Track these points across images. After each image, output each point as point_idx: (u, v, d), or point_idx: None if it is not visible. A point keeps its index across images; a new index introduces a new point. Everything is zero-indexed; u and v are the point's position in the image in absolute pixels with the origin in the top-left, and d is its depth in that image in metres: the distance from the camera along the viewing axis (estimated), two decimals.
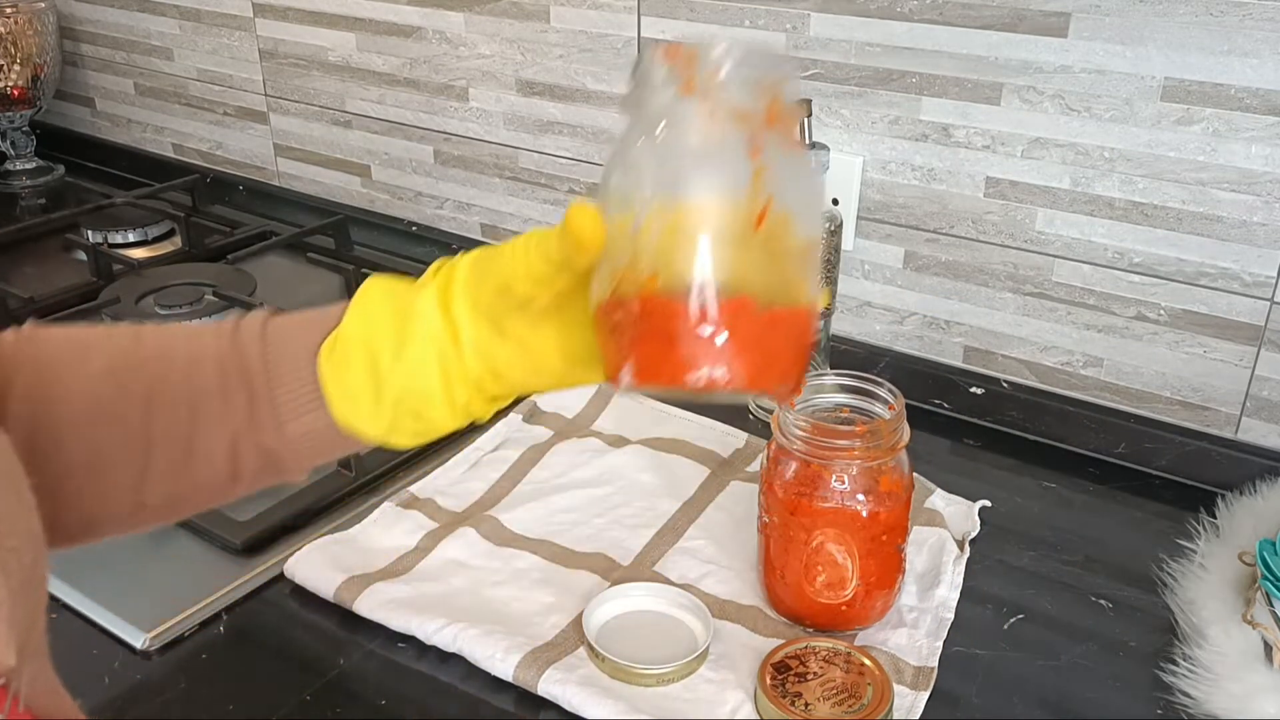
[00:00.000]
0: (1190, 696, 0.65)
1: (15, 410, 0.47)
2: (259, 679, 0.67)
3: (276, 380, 0.49)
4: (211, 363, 0.49)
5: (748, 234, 0.41)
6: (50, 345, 0.50)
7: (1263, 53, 0.77)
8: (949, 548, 0.75)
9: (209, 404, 0.49)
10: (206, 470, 0.49)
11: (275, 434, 0.49)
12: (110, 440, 0.48)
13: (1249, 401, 0.85)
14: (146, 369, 0.49)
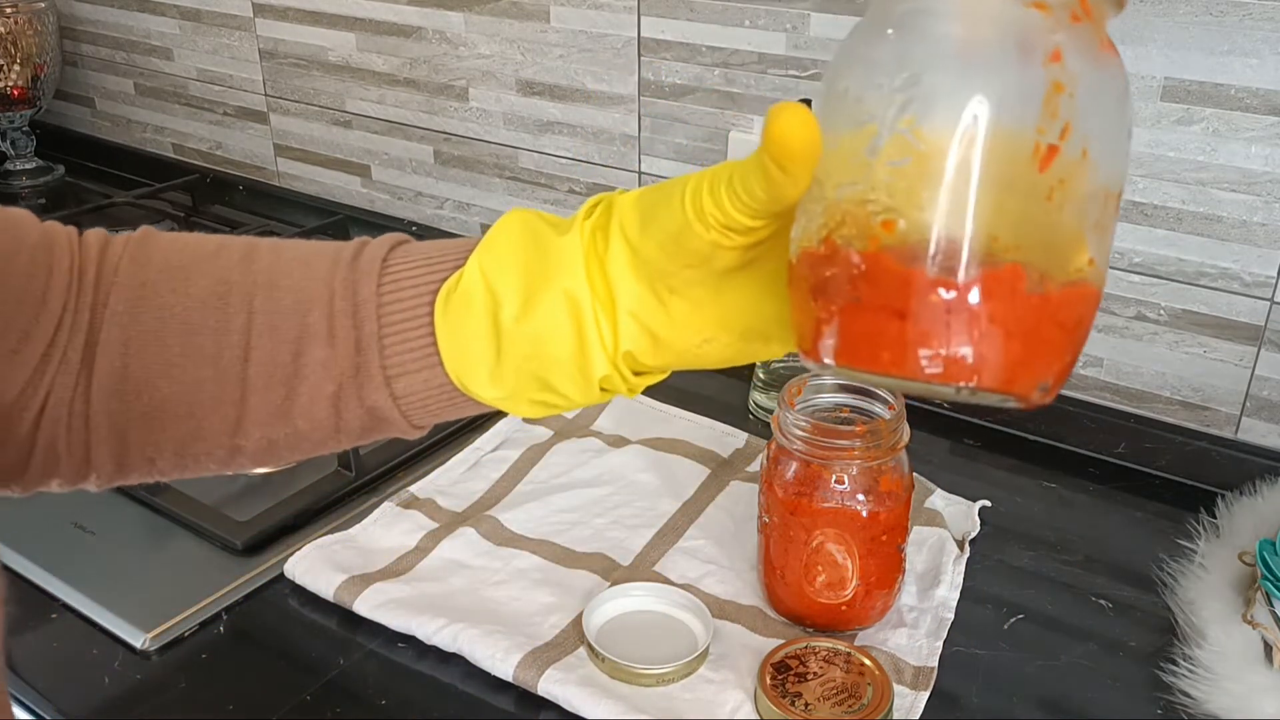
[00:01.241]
0: (1190, 696, 0.65)
1: (108, 336, 0.44)
2: (259, 679, 0.67)
3: (388, 327, 0.42)
4: (322, 298, 0.43)
5: (1031, 176, 0.30)
6: (154, 262, 0.45)
7: (1263, 52, 0.77)
8: (949, 548, 0.75)
9: (314, 348, 0.43)
10: (306, 421, 0.44)
11: (382, 390, 0.43)
12: (204, 381, 0.44)
13: (1249, 401, 0.85)
14: (252, 300, 0.44)
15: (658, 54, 1.04)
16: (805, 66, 0.95)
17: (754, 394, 0.96)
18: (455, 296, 0.41)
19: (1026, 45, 0.30)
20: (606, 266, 0.39)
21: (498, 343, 0.41)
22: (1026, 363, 0.32)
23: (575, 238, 0.40)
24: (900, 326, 0.31)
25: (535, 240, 0.41)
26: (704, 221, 0.36)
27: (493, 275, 0.41)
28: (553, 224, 0.41)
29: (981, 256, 0.30)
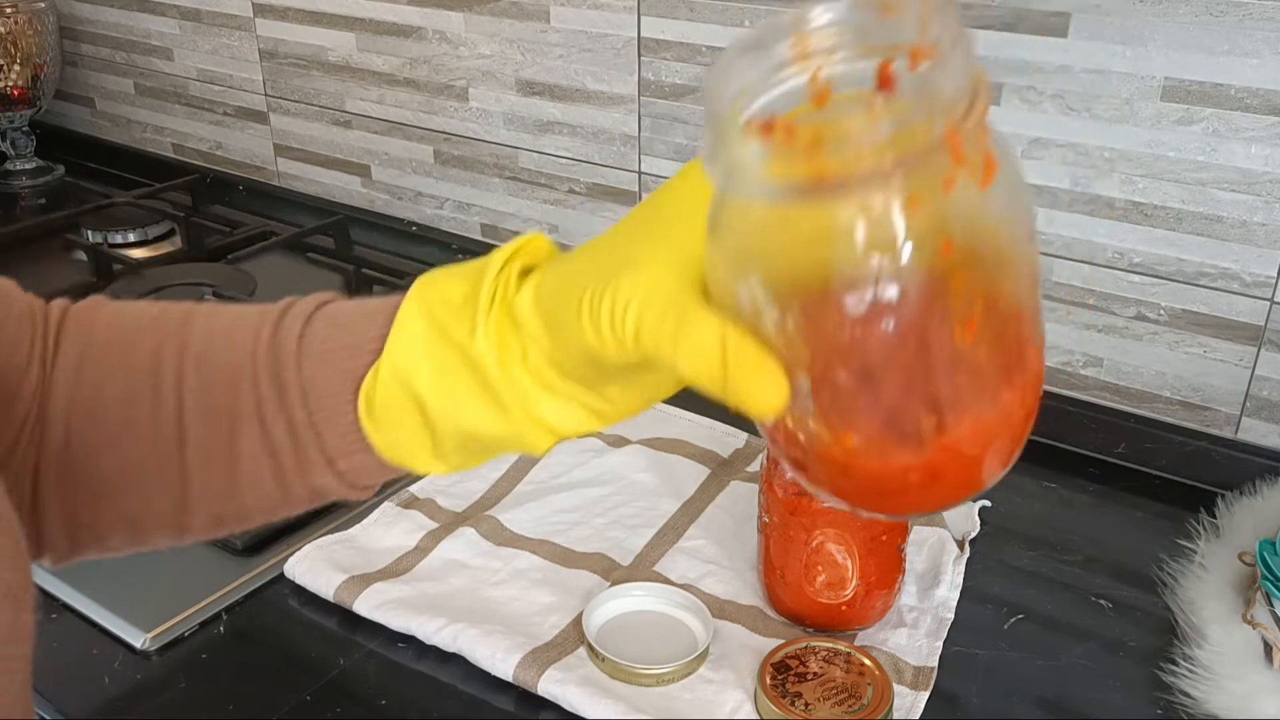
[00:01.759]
0: (1190, 696, 0.65)
1: (54, 409, 0.44)
2: (259, 679, 0.67)
3: (320, 414, 0.42)
4: (247, 380, 0.42)
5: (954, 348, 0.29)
6: (95, 332, 0.45)
7: (1263, 52, 0.77)
8: (949, 548, 0.75)
9: (248, 429, 0.43)
10: (253, 497, 0.44)
11: (325, 472, 0.43)
12: (144, 458, 0.43)
13: (1249, 401, 0.85)
14: (183, 379, 0.43)
15: (658, 54, 1.04)
16: None
17: None
18: (377, 402, 0.41)
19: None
20: (530, 368, 0.38)
21: (432, 433, 0.40)
22: (1002, 463, 0.33)
23: (487, 344, 0.38)
24: (870, 500, 0.33)
25: (446, 340, 0.39)
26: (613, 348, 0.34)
27: (411, 379, 0.40)
28: (457, 315, 0.39)
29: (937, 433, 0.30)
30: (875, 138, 0.26)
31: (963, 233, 0.28)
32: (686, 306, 0.32)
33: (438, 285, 0.40)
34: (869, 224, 0.27)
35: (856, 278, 0.28)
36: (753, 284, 0.30)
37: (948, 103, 0.27)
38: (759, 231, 0.29)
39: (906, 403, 0.30)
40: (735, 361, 0.31)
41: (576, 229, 1.16)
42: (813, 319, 0.29)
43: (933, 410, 0.30)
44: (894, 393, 0.30)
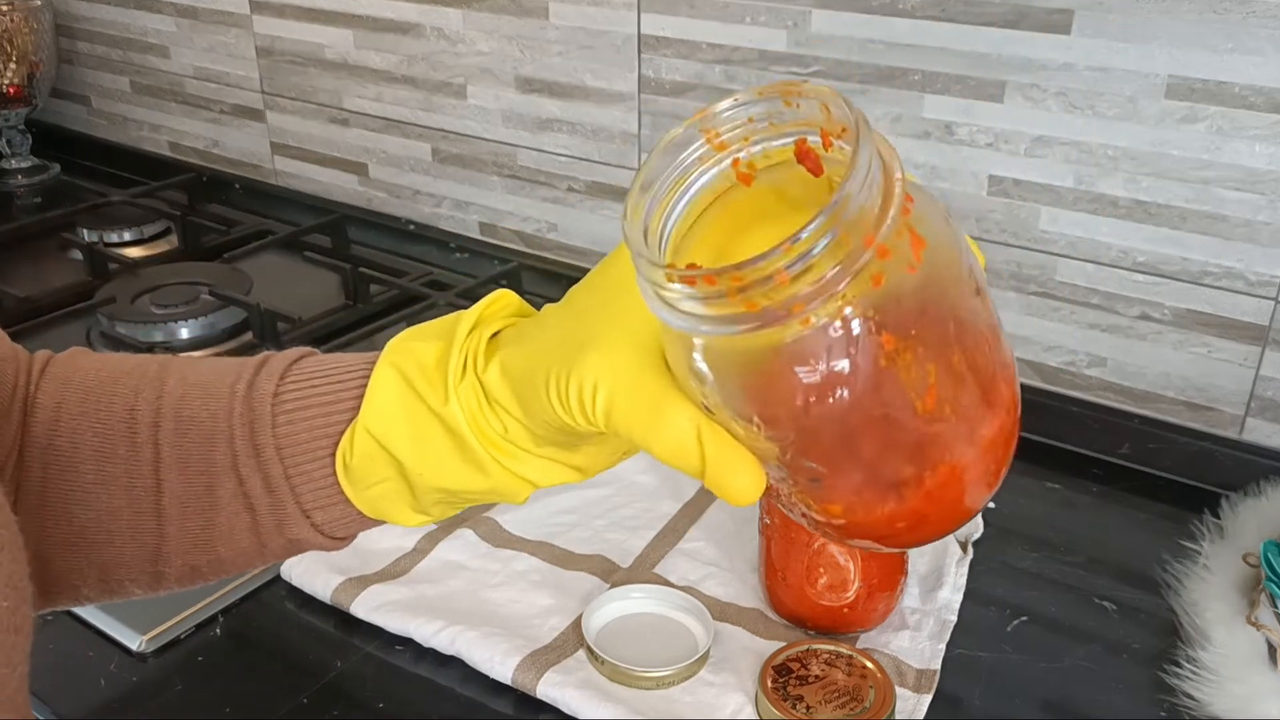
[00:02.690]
0: (1194, 699, 0.64)
1: (29, 458, 0.44)
2: (256, 681, 0.66)
3: (295, 471, 0.42)
4: (223, 434, 0.43)
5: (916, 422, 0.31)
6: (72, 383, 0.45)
7: (1267, 51, 0.76)
8: (951, 549, 0.75)
9: (225, 481, 0.43)
10: (228, 548, 0.44)
11: (302, 524, 0.43)
12: (119, 509, 0.43)
13: (1253, 402, 0.85)
14: (158, 430, 0.44)
15: (658, 51, 1.03)
16: (806, 63, 0.95)
17: None
18: (354, 463, 0.41)
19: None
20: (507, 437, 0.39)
21: (413, 491, 0.41)
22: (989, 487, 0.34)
23: (461, 412, 0.39)
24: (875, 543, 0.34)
25: (420, 405, 0.40)
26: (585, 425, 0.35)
27: (388, 442, 0.40)
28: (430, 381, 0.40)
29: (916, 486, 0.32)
30: (795, 269, 0.27)
31: (901, 313, 0.29)
32: (657, 394, 0.33)
33: (410, 348, 0.41)
34: (810, 338, 0.28)
35: (808, 383, 0.29)
36: (708, 391, 0.31)
37: (863, 211, 0.27)
38: (707, 351, 0.31)
39: (880, 470, 0.31)
40: (712, 455, 0.32)
41: (576, 227, 1.16)
42: (773, 420, 0.30)
43: (908, 469, 0.31)
44: (866, 465, 0.31)
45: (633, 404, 0.33)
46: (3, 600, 0.35)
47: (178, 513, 0.44)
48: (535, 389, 0.36)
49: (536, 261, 1.18)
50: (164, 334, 1.05)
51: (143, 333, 1.04)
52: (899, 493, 0.32)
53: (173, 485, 0.43)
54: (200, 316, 1.06)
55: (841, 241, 0.27)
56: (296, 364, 0.44)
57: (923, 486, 0.32)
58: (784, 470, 0.32)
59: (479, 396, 0.38)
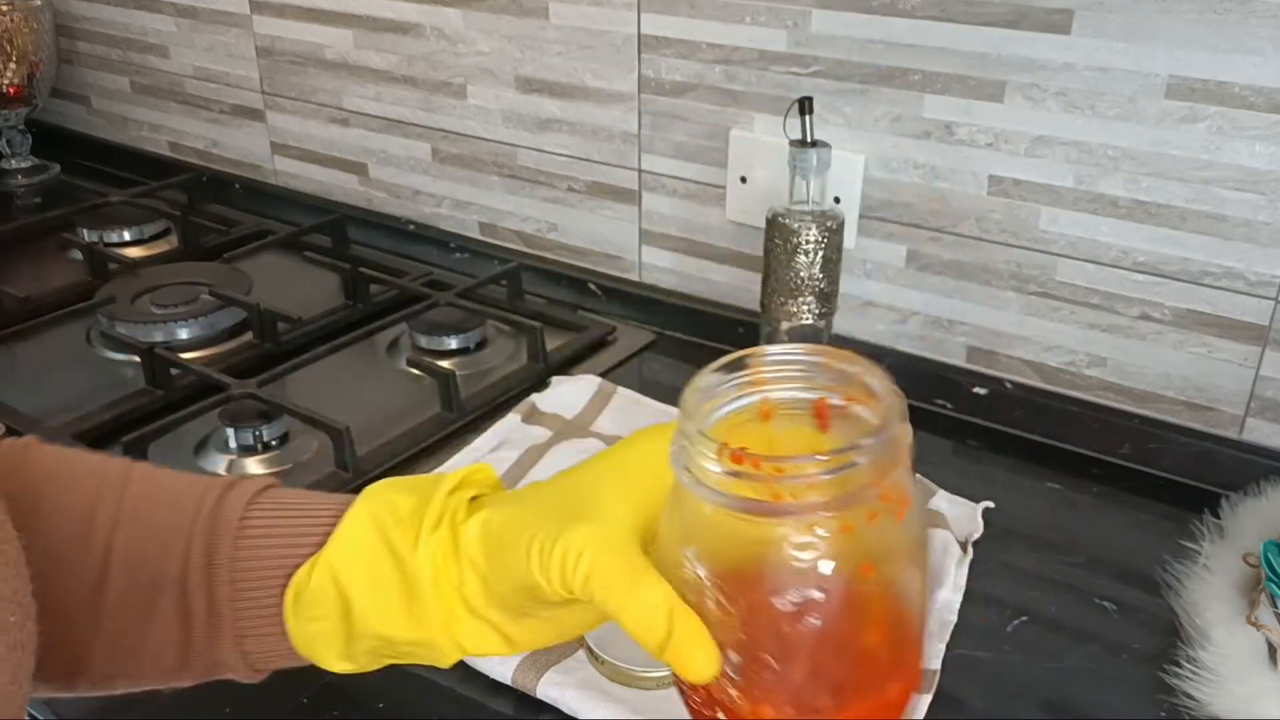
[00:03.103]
0: (1194, 699, 0.64)
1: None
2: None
3: (242, 594, 0.43)
4: (180, 543, 0.43)
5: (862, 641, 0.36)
6: (22, 476, 0.44)
7: (1267, 50, 0.76)
8: (952, 549, 0.75)
9: (170, 591, 0.43)
10: (151, 657, 0.45)
11: (232, 650, 0.44)
12: (54, 613, 0.42)
13: (1253, 402, 0.85)
14: (114, 533, 0.44)
15: (658, 51, 1.03)
16: (806, 63, 0.95)
17: None
18: (305, 594, 0.42)
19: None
20: (462, 592, 0.41)
21: (349, 633, 0.42)
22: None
23: (426, 559, 0.41)
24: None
25: (386, 548, 0.41)
26: (558, 588, 0.38)
27: (344, 578, 0.42)
28: (401, 527, 0.42)
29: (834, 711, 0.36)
30: (821, 479, 0.33)
31: (878, 555, 0.35)
32: (638, 570, 0.36)
33: (387, 496, 0.43)
34: (805, 542, 0.33)
35: (790, 583, 0.34)
36: (699, 567, 0.35)
37: (884, 456, 0.34)
38: (711, 526, 0.35)
39: (814, 687, 0.36)
40: (679, 631, 0.35)
41: (575, 227, 1.16)
42: (748, 610, 0.35)
43: (833, 695, 0.36)
44: (805, 678, 0.35)
45: (614, 574, 0.36)
46: (10, 615, 0.35)
47: (115, 614, 0.44)
48: (516, 548, 0.38)
49: (536, 261, 1.18)
50: (164, 334, 1.05)
51: (143, 333, 1.04)
52: (818, 715, 0.36)
53: (117, 586, 0.44)
54: (200, 316, 1.06)
55: (863, 469, 0.33)
56: (266, 491, 0.45)
57: (839, 714, 0.36)
58: (738, 661, 0.35)
59: (447, 549, 0.41)
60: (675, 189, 1.07)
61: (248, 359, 1.02)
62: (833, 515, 0.33)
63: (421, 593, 0.41)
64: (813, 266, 0.88)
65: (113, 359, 1.03)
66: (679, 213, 1.08)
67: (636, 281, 1.14)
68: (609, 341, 1.08)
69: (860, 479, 0.33)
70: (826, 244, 0.88)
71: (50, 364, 1.04)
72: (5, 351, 1.05)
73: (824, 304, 0.90)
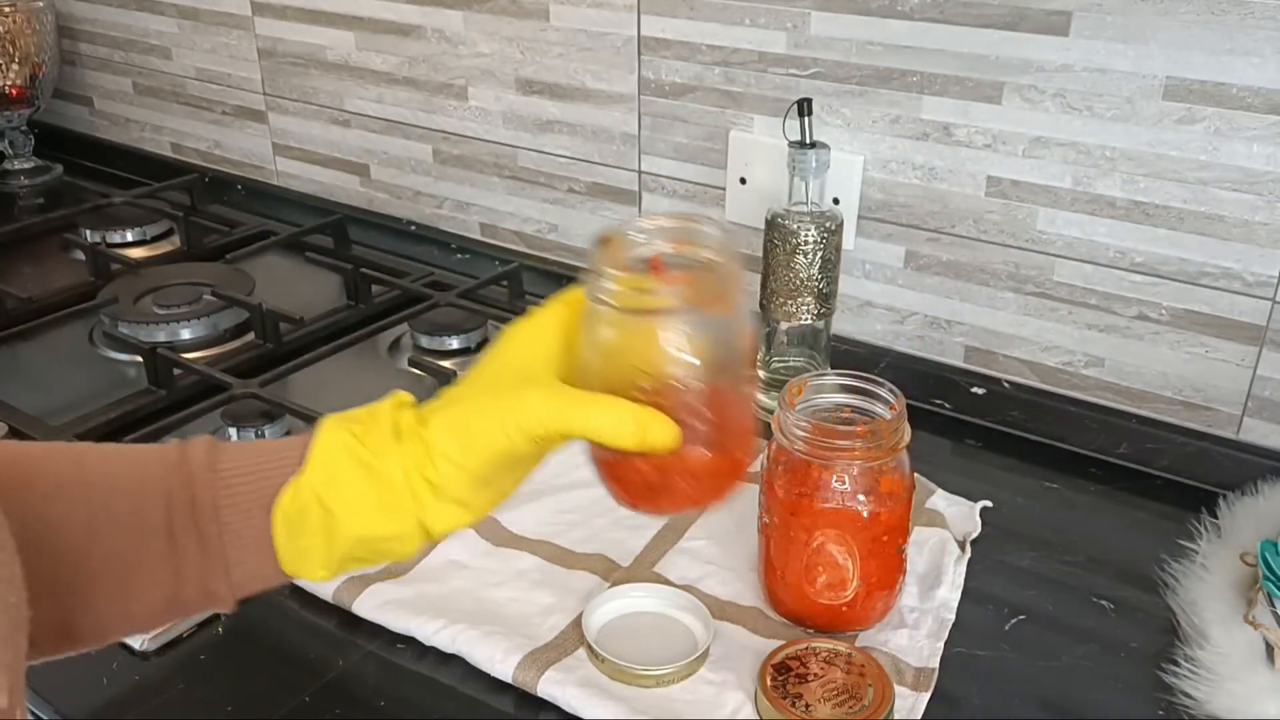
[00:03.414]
0: (1192, 697, 0.64)
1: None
2: (258, 680, 0.66)
3: (228, 529, 0.48)
4: (158, 497, 0.48)
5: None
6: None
7: (1264, 51, 0.77)
8: (950, 548, 0.75)
9: (155, 541, 0.48)
10: (142, 605, 0.49)
11: (222, 579, 0.49)
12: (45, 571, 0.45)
13: (1250, 402, 0.85)
14: (91, 497, 0.48)
15: (658, 52, 1.03)
16: (805, 65, 0.95)
17: (755, 394, 0.96)
18: (293, 517, 0.48)
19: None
20: (434, 481, 0.48)
21: (330, 543, 0.49)
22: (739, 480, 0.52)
23: (398, 470, 0.48)
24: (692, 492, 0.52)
25: (356, 459, 0.48)
26: (538, 440, 0.48)
27: (325, 492, 0.48)
28: (370, 445, 0.49)
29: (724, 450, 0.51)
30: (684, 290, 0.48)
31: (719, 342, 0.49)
32: (587, 396, 0.49)
33: (342, 424, 0.50)
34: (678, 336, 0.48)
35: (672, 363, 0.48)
36: (624, 369, 0.49)
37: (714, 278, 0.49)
38: (622, 339, 0.49)
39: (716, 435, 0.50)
40: (643, 418, 0.48)
41: (576, 228, 1.16)
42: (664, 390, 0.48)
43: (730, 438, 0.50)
44: (711, 426, 0.49)
45: (577, 406, 0.48)
46: (10, 595, 0.36)
47: (102, 577, 0.47)
48: (488, 429, 0.48)
49: (537, 262, 1.18)
50: (166, 334, 1.05)
51: (145, 333, 1.04)
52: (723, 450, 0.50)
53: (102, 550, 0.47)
54: (202, 317, 1.06)
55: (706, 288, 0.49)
56: (217, 445, 0.50)
57: (729, 451, 0.50)
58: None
59: (418, 451, 0.48)
60: (675, 190, 1.08)
61: (250, 359, 1.02)
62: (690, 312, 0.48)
63: (394, 491, 0.48)
64: (812, 267, 0.88)
65: (115, 359, 1.04)
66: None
67: None
68: None
69: (704, 288, 0.48)
70: (825, 245, 0.88)
71: (53, 364, 1.04)
72: (8, 352, 1.06)
73: (823, 304, 0.91)
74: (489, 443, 0.48)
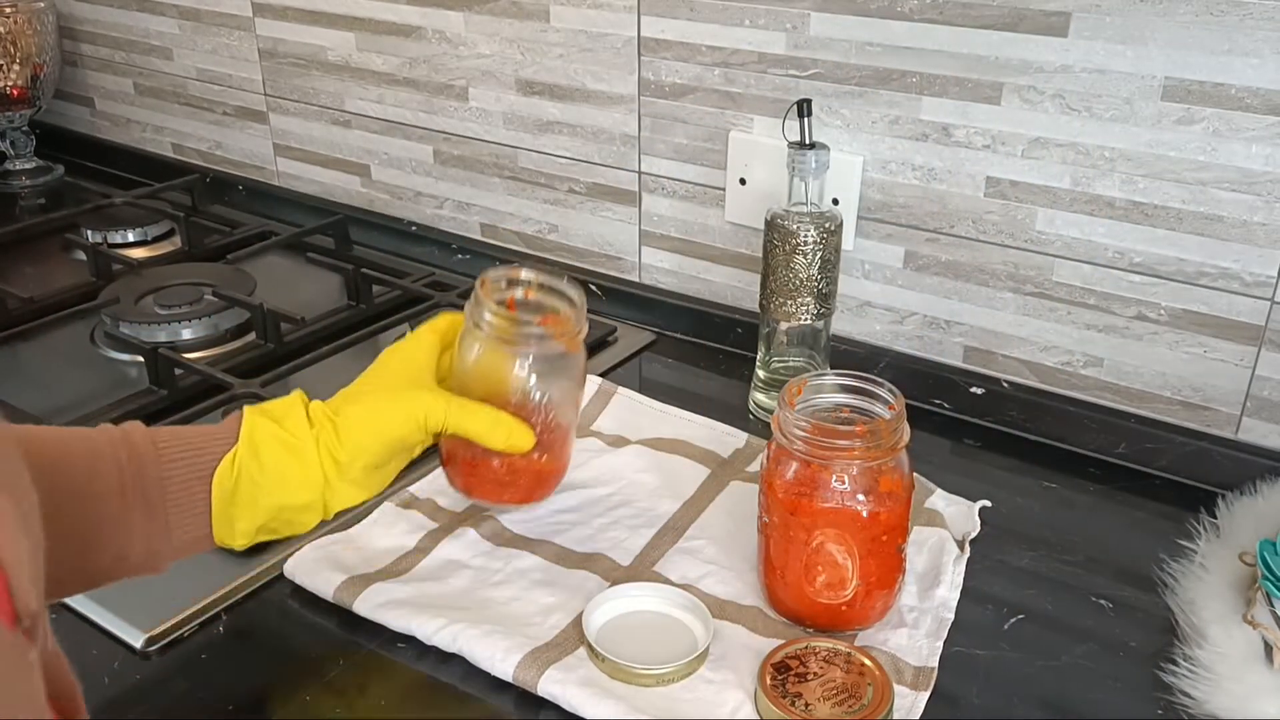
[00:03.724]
0: (1191, 697, 0.64)
1: None
2: (258, 680, 0.67)
3: (170, 498, 0.56)
4: (109, 467, 0.55)
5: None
6: None
7: (1263, 52, 0.77)
8: (949, 548, 0.75)
9: (107, 506, 0.54)
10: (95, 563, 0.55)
11: (165, 541, 0.57)
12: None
13: (1249, 401, 0.85)
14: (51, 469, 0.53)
15: (658, 53, 1.04)
16: (805, 66, 0.95)
17: (754, 394, 0.96)
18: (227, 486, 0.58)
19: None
20: (341, 463, 0.61)
21: (253, 512, 0.59)
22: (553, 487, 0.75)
23: (313, 450, 0.61)
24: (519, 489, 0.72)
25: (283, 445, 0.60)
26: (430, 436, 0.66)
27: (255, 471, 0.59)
28: (285, 427, 0.61)
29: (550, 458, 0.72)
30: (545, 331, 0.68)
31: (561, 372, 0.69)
32: (471, 402, 0.65)
33: (265, 411, 0.62)
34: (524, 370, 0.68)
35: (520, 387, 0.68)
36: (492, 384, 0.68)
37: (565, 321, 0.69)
38: (493, 359, 0.68)
39: (557, 442, 0.71)
40: (511, 425, 0.66)
41: (576, 228, 1.16)
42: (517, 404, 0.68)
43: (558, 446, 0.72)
44: (551, 438, 0.70)
45: (466, 409, 0.64)
46: (35, 513, 0.39)
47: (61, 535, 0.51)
48: (396, 421, 0.62)
49: (537, 262, 1.19)
50: (167, 334, 1.05)
51: (146, 333, 1.05)
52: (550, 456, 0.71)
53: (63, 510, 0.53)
54: (204, 317, 1.07)
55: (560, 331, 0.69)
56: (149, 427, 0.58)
57: (549, 460, 0.71)
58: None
59: (330, 437, 0.61)
60: (675, 190, 1.08)
61: (251, 359, 1.02)
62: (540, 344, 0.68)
63: (308, 465, 0.60)
64: (811, 267, 0.89)
65: (116, 359, 1.04)
66: (679, 214, 1.09)
67: (636, 282, 1.14)
68: (609, 342, 1.08)
69: (560, 331, 0.68)
70: (825, 245, 0.88)
71: (54, 364, 1.04)
72: (9, 352, 1.06)
73: (822, 304, 0.91)
74: (395, 431, 0.61)
